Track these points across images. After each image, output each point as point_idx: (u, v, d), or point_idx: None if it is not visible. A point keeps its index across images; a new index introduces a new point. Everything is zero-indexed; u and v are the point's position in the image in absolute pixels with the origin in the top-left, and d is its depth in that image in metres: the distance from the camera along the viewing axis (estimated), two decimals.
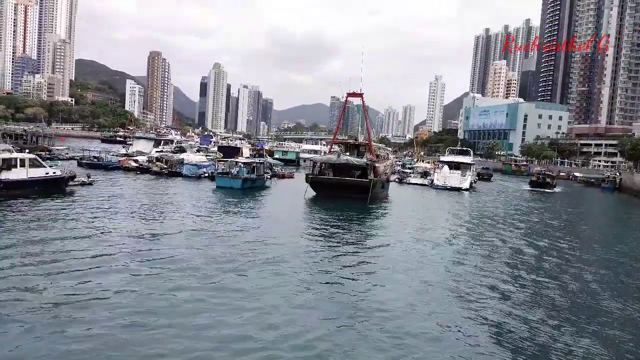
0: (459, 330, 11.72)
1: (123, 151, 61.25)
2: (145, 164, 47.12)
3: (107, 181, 36.77)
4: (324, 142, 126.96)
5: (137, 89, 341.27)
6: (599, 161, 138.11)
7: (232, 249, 18.10)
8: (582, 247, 25.56)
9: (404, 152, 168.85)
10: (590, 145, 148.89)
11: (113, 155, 52.57)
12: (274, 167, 54.04)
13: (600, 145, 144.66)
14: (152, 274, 14.14)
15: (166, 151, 56.82)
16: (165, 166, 45.99)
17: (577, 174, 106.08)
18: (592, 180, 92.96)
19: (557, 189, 68.77)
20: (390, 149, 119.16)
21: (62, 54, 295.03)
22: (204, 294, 12.77)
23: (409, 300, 13.72)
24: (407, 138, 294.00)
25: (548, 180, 68.83)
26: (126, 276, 13.75)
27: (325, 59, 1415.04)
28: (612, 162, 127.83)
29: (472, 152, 76.36)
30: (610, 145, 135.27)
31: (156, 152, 55.75)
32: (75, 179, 31.74)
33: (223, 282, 14.02)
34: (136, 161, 47.89)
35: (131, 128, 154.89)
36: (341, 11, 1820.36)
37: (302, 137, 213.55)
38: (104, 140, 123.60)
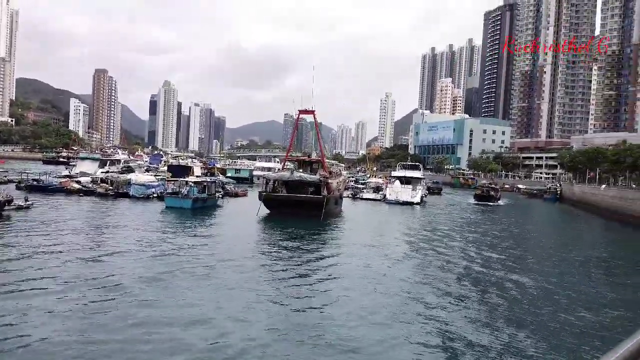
0: (410, 342, 11.70)
1: (66, 172, 58.50)
2: (89, 185, 45.11)
3: (47, 204, 34.84)
4: (277, 160, 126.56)
5: (82, 107, 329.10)
6: (541, 173, 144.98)
7: (182, 270, 17.43)
8: (524, 256, 26.44)
9: (357, 168, 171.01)
10: (532, 158, 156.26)
11: (54, 177, 50.03)
12: (226, 186, 53.12)
13: (541, 158, 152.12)
14: (93, 299, 13.33)
15: (112, 171, 54.74)
16: (110, 187, 44.17)
17: (520, 186, 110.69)
18: (535, 191, 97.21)
19: (501, 202, 69.81)
20: (343, 165, 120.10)
21: (2, 72, 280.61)
22: (152, 317, 12.14)
23: (362, 314, 13.62)
24: (360, 154, 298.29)
25: (492, 193, 69.52)
26: (64, 301, 12.89)
27: (280, 75, 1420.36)
28: (553, 173, 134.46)
29: (422, 167, 78.16)
30: (551, 157, 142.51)
31: (101, 172, 53.59)
32: (12, 203, 29.87)
33: (173, 303, 13.42)
34: (79, 182, 45.77)
35: (75, 148, 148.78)
36: (298, 28, 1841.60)
37: (256, 154, 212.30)
38: (46, 162, 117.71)
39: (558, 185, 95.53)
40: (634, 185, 68.04)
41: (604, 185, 69.27)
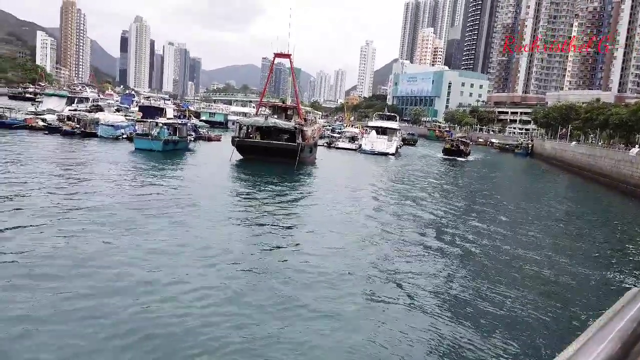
0: (381, 292, 11.90)
1: (32, 109, 56.19)
2: (55, 123, 43.51)
3: (8, 142, 33.50)
4: (253, 105, 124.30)
5: (50, 41, 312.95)
6: (514, 128, 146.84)
7: (148, 213, 17.14)
8: (479, 209, 27.05)
9: (335, 117, 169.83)
10: (507, 113, 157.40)
11: (19, 113, 47.98)
12: (199, 129, 52.06)
13: (516, 113, 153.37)
14: (62, 237, 13.03)
15: (80, 110, 52.84)
16: (77, 126, 42.69)
17: (493, 140, 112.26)
18: (507, 146, 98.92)
19: (471, 157, 66.17)
20: (320, 113, 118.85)
21: None
22: (119, 262, 11.96)
23: (334, 264, 13.72)
24: (338, 103, 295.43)
25: (462, 147, 65.02)
26: (28, 242, 12.56)
27: (258, 17, 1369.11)
28: (526, 129, 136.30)
29: (398, 118, 78.08)
30: (525, 113, 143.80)
31: (69, 110, 51.68)
32: None
33: (141, 245, 13.22)
34: (44, 120, 44.08)
35: (42, 84, 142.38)
36: None
37: (232, 98, 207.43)
38: (11, 97, 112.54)
39: (530, 140, 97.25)
40: (600, 143, 69.77)
41: (574, 142, 70.74)
